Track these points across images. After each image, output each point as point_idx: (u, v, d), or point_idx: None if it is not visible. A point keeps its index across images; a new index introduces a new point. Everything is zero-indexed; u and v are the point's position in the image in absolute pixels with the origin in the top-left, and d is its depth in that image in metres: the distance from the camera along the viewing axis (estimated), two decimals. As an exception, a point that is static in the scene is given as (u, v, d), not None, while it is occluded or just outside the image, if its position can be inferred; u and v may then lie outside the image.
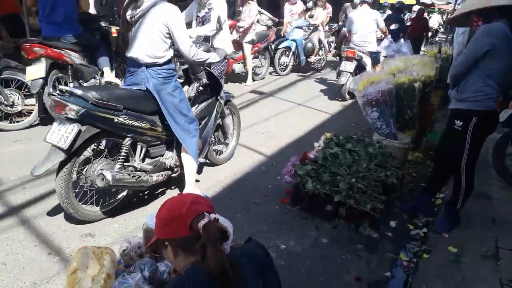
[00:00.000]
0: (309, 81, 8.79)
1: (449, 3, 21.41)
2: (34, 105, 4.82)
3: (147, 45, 2.90)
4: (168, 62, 3.03)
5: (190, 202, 1.34)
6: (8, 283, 2.36)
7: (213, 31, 4.27)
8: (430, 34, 14.49)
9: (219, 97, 3.73)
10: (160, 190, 3.56)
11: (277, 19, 9.15)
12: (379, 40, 8.29)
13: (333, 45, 11.60)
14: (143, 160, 3.17)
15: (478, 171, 4.14)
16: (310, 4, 9.34)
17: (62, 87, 2.68)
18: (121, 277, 1.74)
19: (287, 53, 8.71)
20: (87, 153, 2.91)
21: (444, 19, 20.65)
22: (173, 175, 3.41)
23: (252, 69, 7.87)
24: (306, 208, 3.41)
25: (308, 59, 9.15)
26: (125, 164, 2.97)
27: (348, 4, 10.03)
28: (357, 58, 6.87)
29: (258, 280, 1.31)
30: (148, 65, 2.95)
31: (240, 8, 8.40)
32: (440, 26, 18.71)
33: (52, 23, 4.68)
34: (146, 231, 2.06)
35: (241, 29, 7.22)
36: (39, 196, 3.33)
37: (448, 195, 3.78)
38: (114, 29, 5.67)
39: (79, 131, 2.63)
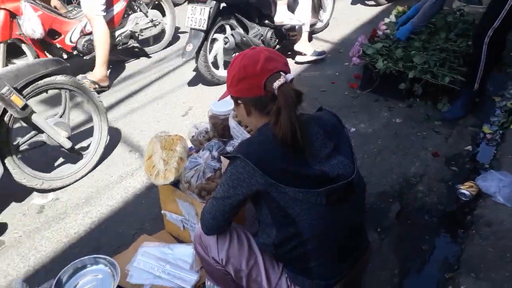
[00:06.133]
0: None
1: None
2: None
3: None
4: None
5: (264, 59, 1.23)
6: (100, 176, 2.61)
7: None
8: None
9: None
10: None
11: None
12: None
13: None
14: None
15: None
16: None
17: None
18: (192, 157, 1.81)
19: None
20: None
21: None
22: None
23: None
24: (377, 90, 3.22)
25: None
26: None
27: None
28: None
29: (327, 141, 1.25)
30: None
31: None
32: None
33: None
34: (212, 118, 2.08)
35: None
36: (114, 102, 3.51)
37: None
38: None
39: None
